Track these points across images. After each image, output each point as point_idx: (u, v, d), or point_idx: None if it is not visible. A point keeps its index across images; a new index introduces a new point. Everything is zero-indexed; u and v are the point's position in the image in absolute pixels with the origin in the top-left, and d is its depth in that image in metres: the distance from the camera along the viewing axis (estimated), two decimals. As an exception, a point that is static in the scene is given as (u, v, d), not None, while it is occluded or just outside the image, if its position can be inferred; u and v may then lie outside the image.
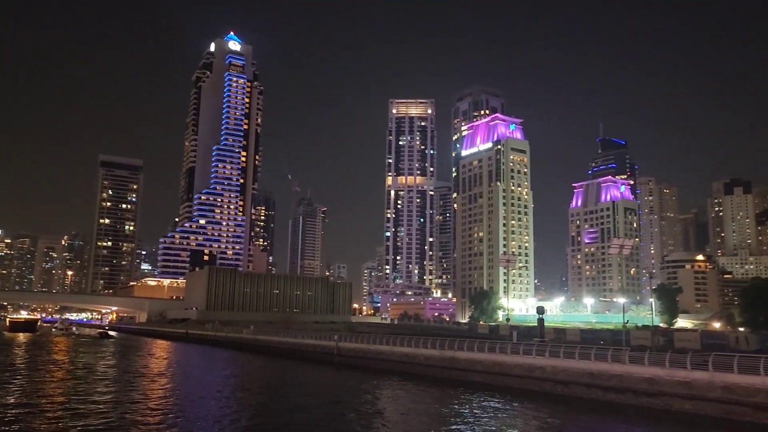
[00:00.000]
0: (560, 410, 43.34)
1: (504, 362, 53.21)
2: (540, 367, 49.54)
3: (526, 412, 43.34)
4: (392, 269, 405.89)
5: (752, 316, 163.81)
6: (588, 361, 46.26)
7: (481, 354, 56.49)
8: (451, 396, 49.54)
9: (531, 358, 50.92)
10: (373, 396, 52.27)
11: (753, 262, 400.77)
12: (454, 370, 58.13)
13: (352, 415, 41.41)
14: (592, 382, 45.08)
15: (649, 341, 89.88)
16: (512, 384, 51.29)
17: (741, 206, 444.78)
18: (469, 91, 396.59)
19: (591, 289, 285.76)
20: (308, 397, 50.94)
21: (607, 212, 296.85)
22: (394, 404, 47.80)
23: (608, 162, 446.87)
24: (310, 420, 39.33)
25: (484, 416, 41.02)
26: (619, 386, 43.03)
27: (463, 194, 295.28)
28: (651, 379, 41.09)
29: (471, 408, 44.15)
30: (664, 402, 40.10)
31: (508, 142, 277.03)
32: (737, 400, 36.26)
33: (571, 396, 46.23)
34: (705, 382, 38.06)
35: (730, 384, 36.74)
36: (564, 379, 47.37)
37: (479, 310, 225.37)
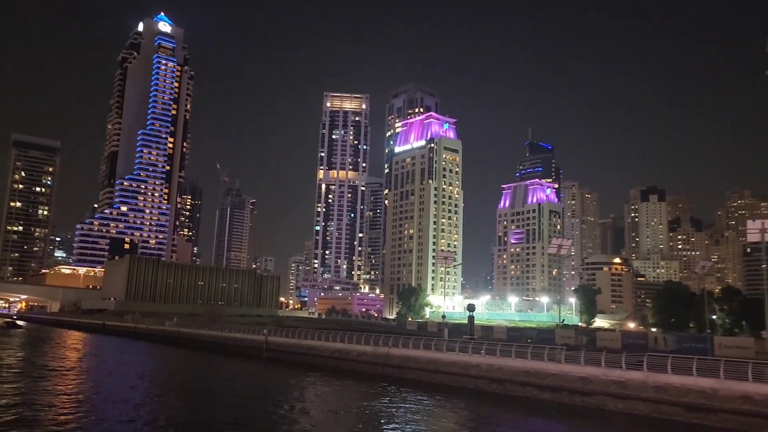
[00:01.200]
0: (493, 408, 43.21)
1: (439, 360, 52.63)
2: (476, 365, 49.22)
3: (458, 409, 42.95)
4: (321, 264, 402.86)
5: (664, 318, 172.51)
6: (524, 360, 46.29)
7: (416, 351, 55.75)
8: (383, 393, 48.53)
9: (467, 356, 50.56)
10: (302, 392, 50.59)
11: (664, 266, 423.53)
12: (388, 366, 57.13)
13: (279, 412, 39.61)
14: (528, 380, 45.08)
15: (573, 340, 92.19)
16: (447, 382, 50.76)
17: (655, 213, 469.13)
18: (405, 88, 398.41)
19: (515, 288, 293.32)
20: (234, 394, 48.68)
21: (533, 214, 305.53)
22: (324, 401, 46.34)
23: (535, 165, 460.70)
24: (235, 418, 37.18)
25: (415, 413, 40.37)
26: (555, 385, 43.18)
27: (394, 191, 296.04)
28: (586, 378, 41.41)
29: (403, 405, 43.35)
30: (598, 401, 40.46)
31: (442, 141, 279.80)
32: (669, 400, 36.92)
33: (506, 394, 46.13)
34: (639, 382, 38.60)
35: (663, 384, 37.37)
36: (499, 377, 47.21)
37: (407, 306, 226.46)
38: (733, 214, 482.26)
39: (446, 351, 52.95)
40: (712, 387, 35.17)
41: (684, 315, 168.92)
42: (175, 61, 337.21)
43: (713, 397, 34.93)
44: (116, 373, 60.70)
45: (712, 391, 35.06)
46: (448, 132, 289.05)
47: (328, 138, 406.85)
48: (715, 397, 34.87)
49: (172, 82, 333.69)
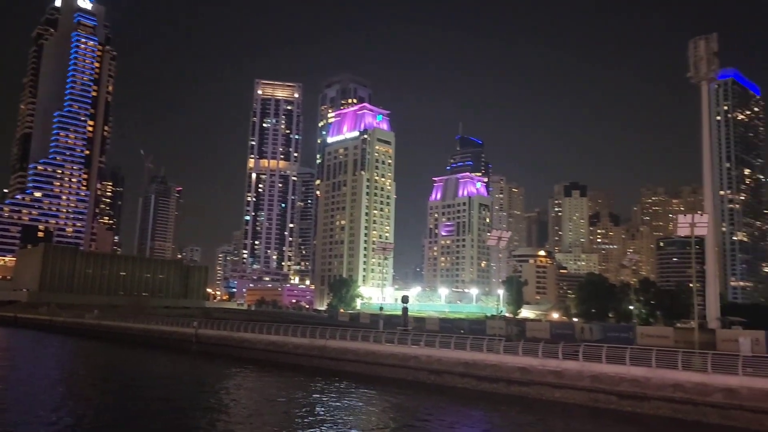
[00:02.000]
0: (428, 398, 43.27)
1: (378, 351, 52.20)
2: (415, 357, 49.10)
3: (391, 400, 42.80)
4: (250, 254, 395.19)
5: (586, 308, 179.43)
6: (463, 351, 46.50)
7: (354, 343, 55.10)
8: (317, 385, 47.82)
9: (406, 348, 50.36)
10: (233, 386, 49.14)
11: (585, 259, 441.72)
12: (325, 359, 56.20)
13: (209, 406, 38.21)
14: (467, 371, 45.32)
15: (504, 330, 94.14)
16: (386, 373, 50.41)
17: (577, 208, 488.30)
18: (338, 78, 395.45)
19: (445, 279, 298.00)
20: (162, 388, 46.60)
21: (464, 207, 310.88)
22: (255, 394, 45.25)
23: (466, 159, 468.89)
24: (162, 413, 35.52)
25: (347, 405, 40.12)
26: (493, 376, 43.58)
27: (327, 181, 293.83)
28: (524, 368, 41.97)
29: (336, 397, 43.02)
30: (536, 391, 41.10)
31: (375, 132, 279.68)
32: (604, 389, 37.90)
33: (444, 385, 46.22)
34: (575, 372, 39.44)
35: (598, 373, 38.32)
36: (438, 368, 47.27)
37: (338, 298, 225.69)
38: (648, 209, 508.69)
39: (385, 343, 52.58)
40: (644, 376, 36.32)
41: (604, 305, 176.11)
42: (96, 40, 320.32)
43: (646, 385, 36.09)
44: (32, 370, 56.84)
45: (644, 380, 36.21)
46: (382, 124, 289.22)
47: (259, 126, 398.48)
48: (647, 385, 36.02)
49: (92, 62, 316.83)
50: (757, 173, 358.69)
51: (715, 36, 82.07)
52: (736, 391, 32.58)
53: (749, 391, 32.08)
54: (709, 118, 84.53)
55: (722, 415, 32.92)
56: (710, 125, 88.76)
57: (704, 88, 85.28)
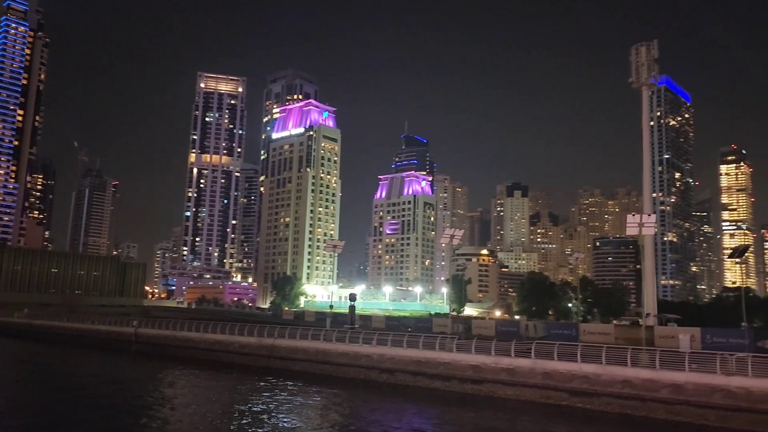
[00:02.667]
0: (377, 397, 43.03)
1: (329, 350, 51.44)
2: (366, 355, 48.60)
3: (336, 398, 42.39)
4: (190, 251, 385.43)
5: (527, 306, 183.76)
6: (416, 350, 46.31)
7: (304, 342, 54.12)
8: (263, 385, 46.92)
9: (358, 347, 49.80)
10: (174, 386, 47.55)
11: (525, 258, 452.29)
12: (274, 358, 55.00)
13: (145, 407, 36.68)
14: (419, 370, 45.15)
15: (449, 328, 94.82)
16: (337, 373, 49.72)
17: (518, 208, 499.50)
18: (284, 74, 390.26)
19: (389, 277, 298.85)
20: (91, 390, 44.54)
21: (409, 205, 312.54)
22: (196, 395, 44.04)
23: (411, 158, 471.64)
24: (90, 417, 33.94)
25: (291, 404, 39.57)
26: (446, 374, 43.56)
27: (271, 178, 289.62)
28: (477, 366, 42.10)
29: (280, 397, 42.37)
30: (488, 388, 41.29)
31: (321, 129, 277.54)
32: (555, 386, 38.40)
33: (397, 384, 45.93)
34: (527, 369, 39.81)
35: (550, 370, 38.79)
36: (390, 367, 46.93)
37: (281, 296, 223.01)
38: (585, 210, 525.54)
39: (336, 342, 51.83)
40: (595, 372, 36.98)
41: (545, 303, 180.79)
42: (27, 25, 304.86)
43: (596, 381, 36.75)
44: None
45: (595, 377, 36.87)
46: (328, 121, 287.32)
47: (201, 120, 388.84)
48: (597, 381, 36.70)
49: (22, 49, 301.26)
50: (686, 177, 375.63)
51: (656, 43, 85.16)
52: (683, 387, 33.54)
53: (695, 386, 33.08)
54: (648, 123, 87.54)
55: (669, 410, 33.82)
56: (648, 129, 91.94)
57: (644, 94, 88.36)
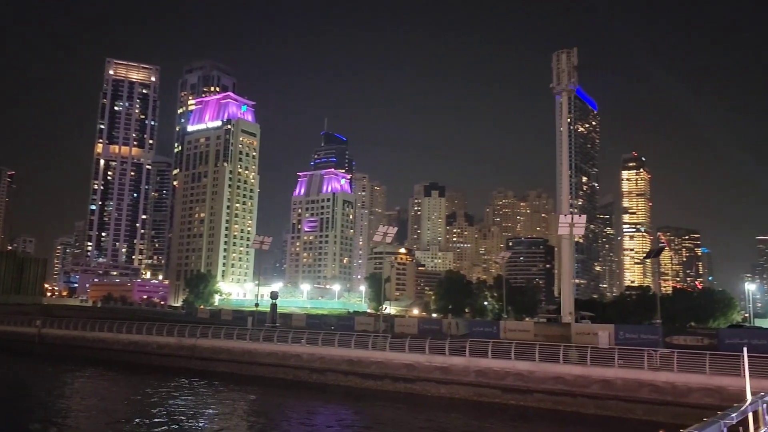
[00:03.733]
0: (303, 396, 42.04)
1: (255, 350, 49.67)
2: (296, 355, 47.27)
3: (258, 398, 41.25)
4: (95, 247, 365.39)
5: (445, 304, 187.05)
6: (348, 349, 45.46)
7: (228, 342, 51.98)
8: (179, 387, 44.93)
9: (287, 346, 48.34)
10: (80, 390, 44.91)
11: (441, 257, 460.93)
12: (196, 359, 52.50)
13: (42, 411, 34.07)
14: (351, 369, 44.37)
15: (372, 326, 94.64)
16: (264, 373, 48.06)
17: (435, 208, 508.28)
18: (200, 64, 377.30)
19: (307, 275, 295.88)
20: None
21: (328, 203, 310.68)
22: (104, 398, 41.68)
23: (330, 155, 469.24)
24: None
25: (201, 407, 38.14)
26: (379, 373, 43.01)
27: (186, 172, 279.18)
28: (411, 365, 41.81)
29: (195, 399, 40.81)
30: (421, 387, 41.07)
31: (239, 123, 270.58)
32: (489, 383, 38.69)
33: (328, 384, 44.94)
34: (461, 367, 39.90)
35: (484, 368, 39.04)
36: (320, 367, 45.87)
37: (195, 294, 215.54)
38: (499, 211, 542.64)
39: (263, 341, 50.07)
40: (528, 369, 37.52)
41: (462, 301, 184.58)
42: None
43: (530, 379, 37.29)
44: None
45: (528, 374, 37.41)
46: (246, 114, 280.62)
47: (109, 109, 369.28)
48: (531, 378, 37.25)
49: None
50: (592, 181, 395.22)
51: (575, 50, 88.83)
52: (612, 383, 34.58)
53: (624, 381, 34.18)
54: (567, 128, 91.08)
55: (598, 405, 34.77)
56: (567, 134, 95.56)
57: (564, 99, 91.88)
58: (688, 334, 63.26)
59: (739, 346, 52.11)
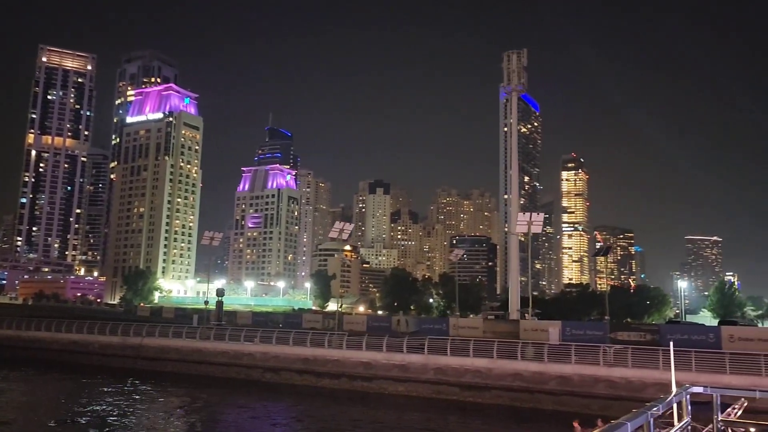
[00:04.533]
0: (249, 395, 41.23)
1: (206, 349, 48.18)
2: (249, 354, 46.10)
3: (200, 399, 40.08)
4: (25, 242, 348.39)
5: (390, 301, 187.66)
6: (303, 347, 44.65)
7: (177, 341, 50.24)
8: (120, 388, 43.16)
9: (239, 345, 47.10)
10: (6, 394, 41.90)
11: (386, 254, 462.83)
12: (142, 359, 50.49)
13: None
14: (306, 368, 43.60)
15: (320, 324, 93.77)
16: (215, 373, 46.68)
17: (380, 205, 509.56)
18: (140, 54, 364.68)
19: (251, 272, 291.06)
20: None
21: (272, 199, 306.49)
22: (32, 402, 39.18)
23: (274, 151, 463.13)
24: None
25: (141, 408, 37.02)
26: (335, 371, 42.41)
27: (124, 165, 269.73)
28: (368, 363, 41.39)
29: (133, 400, 39.34)
30: (378, 385, 40.73)
31: (182, 115, 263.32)
32: (447, 381, 38.70)
33: (282, 383, 44.01)
34: (420, 365, 39.77)
35: (442, 366, 39.02)
36: (275, 365, 44.89)
37: (133, 291, 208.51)
38: (443, 209, 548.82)
39: (215, 340, 48.60)
40: (487, 367, 37.72)
41: (407, 299, 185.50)
42: None
43: (488, 376, 37.49)
44: None
45: (486, 371, 37.60)
46: (189, 107, 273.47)
47: (42, 98, 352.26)
48: (489, 375, 37.46)
49: None
50: (534, 181, 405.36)
51: (526, 51, 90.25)
52: (569, 379, 35.14)
53: (580, 377, 34.79)
54: (516, 127, 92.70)
55: (555, 401, 35.26)
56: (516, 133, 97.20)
57: (513, 98, 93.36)
58: (632, 330, 65.16)
59: (680, 341, 54.33)
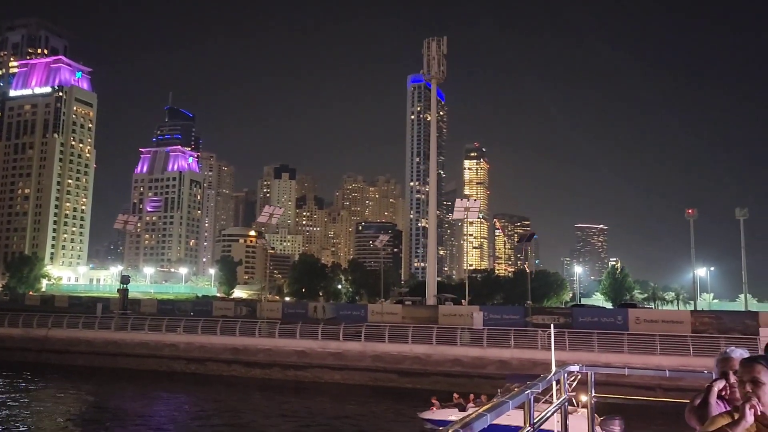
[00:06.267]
0: (164, 387, 39.14)
1: (122, 341, 44.93)
2: (171, 345, 43.50)
3: (104, 393, 37.83)
4: None
5: (298, 288, 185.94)
6: (232, 336, 42.64)
7: (88, 332, 46.57)
8: (17, 385, 39.33)
9: (161, 335, 44.38)
10: None
11: (290, 240, 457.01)
12: (48, 352, 46.32)
13: None
14: (235, 358, 41.69)
15: (232, 311, 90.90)
16: (132, 365, 43.59)
17: (286, 190, 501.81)
18: (25, 22, 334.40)
19: (150, 258, 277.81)
20: None
21: (174, 182, 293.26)
22: None
23: (175, 132, 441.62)
24: None
25: (37, 406, 33.93)
26: (266, 361, 40.87)
27: (6, 142, 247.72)
28: (303, 351, 40.21)
29: (27, 397, 36.21)
30: (313, 374, 39.67)
31: (73, 90, 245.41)
32: (385, 368, 38.27)
33: (208, 375, 41.86)
34: (357, 352, 39.08)
35: (381, 353, 38.53)
36: (200, 356, 42.64)
37: (17, 278, 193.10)
38: (348, 195, 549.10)
39: (132, 330, 45.38)
40: (426, 353, 37.63)
41: (315, 285, 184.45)
42: None
43: (427, 362, 37.42)
44: None
45: (426, 357, 37.52)
46: (82, 82, 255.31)
47: None
48: (428, 362, 37.40)
49: None
50: (438, 169, 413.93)
51: (445, 39, 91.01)
52: (508, 362, 35.71)
53: (519, 361, 35.44)
54: (435, 114, 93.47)
55: (494, 385, 35.62)
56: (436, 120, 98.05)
57: (433, 85, 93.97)
58: (546, 314, 67.74)
59: (591, 323, 57.01)
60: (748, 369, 3.09)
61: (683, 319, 59.72)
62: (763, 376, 3.01)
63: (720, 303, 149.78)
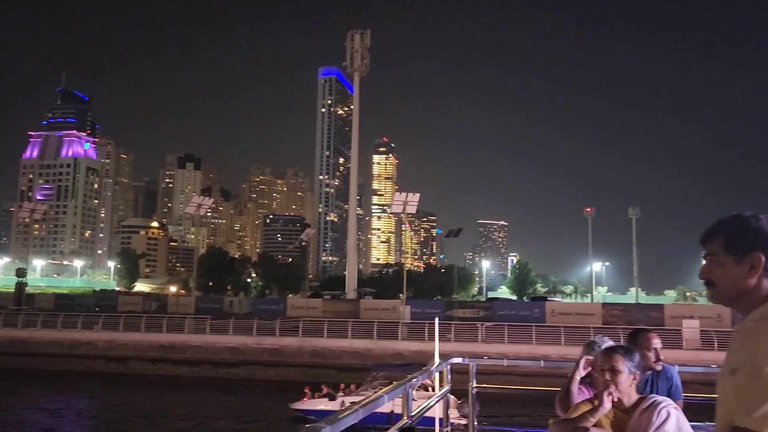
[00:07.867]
0: (69, 389, 36.76)
1: (30, 339, 41.26)
2: (89, 343, 40.41)
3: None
4: None
5: (205, 281, 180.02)
6: (158, 333, 40.27)
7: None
8: None
9: (77, 333, 41.13)
10: None
11: (194, 232, 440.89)
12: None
13: None
14: (161, 356, 39.40)
15: (140, 306, 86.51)
16: (45, 365, 40.05)
17: (190, 180, 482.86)
18: None
19: (40, 250, 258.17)
20: None
21: (68, 169, 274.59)
22: None
23: (68, 116, 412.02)
24: None
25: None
26: (196, 359, 38.89)
27: None
28: (236, 348, 38.68)
29: None
30: (247, 371, 38.24)
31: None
32: (323, 363, 37.50)
33: (131, 374, 39.22)
34: (294, 348, 38.09)
35: (319, 348, 37.72)
36: (122, 354, 39.97)
37: None
38: (256, 188, 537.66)
39: (42, 328, 41.75)
40: (366, 347, 37.26)
41: (223, 279, 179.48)
42: None
43: (367, 356, 36.99)
44: None
45: (366, 351, 37.13)
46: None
47: None
48: (368, 356, 36.99)
49: None
50: (348, 162, 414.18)
51: (369, 32, 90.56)
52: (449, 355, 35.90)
53: (459, 354, 35.69)
54: (359, 107, 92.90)
55: (435, 378, 35.92)
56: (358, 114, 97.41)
57: (356, 79, 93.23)
58: (467, 308, 69.27)
59: (510, 316, 58.84)
60: (608, 358, 3.39)
61: (595, 312, 63.08)
62: (620, 365, 3.31)
63: (613, 296, 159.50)
